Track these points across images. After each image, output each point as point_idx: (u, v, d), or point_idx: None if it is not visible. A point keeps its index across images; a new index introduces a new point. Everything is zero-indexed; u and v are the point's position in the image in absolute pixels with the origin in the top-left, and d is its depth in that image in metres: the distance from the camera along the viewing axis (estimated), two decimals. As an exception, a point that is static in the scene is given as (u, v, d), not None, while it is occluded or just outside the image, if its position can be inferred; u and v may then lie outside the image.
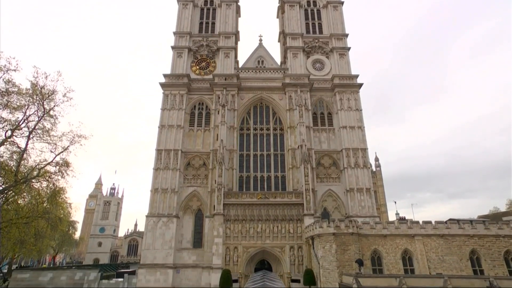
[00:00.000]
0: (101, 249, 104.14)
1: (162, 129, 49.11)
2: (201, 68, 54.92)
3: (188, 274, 42.32)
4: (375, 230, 34.29)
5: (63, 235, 66.77)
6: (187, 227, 45.32)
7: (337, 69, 54.13)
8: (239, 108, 51.14)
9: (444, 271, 31.20)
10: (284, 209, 43.33)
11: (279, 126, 51.24)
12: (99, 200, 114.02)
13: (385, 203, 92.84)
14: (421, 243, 33.37)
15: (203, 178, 47.38)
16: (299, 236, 41.85)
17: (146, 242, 43.47)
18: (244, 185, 47.64)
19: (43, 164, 33.62)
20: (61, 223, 44.44)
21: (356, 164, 47.05)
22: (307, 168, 44.69)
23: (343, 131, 49.06)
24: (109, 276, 51.63)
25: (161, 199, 45.21)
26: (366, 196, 45.48)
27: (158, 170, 46.69)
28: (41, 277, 47.74)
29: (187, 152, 48.77)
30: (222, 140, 46.62)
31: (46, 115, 32.89)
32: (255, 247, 41.69)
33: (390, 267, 32.79)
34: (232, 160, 47.64)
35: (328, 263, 32.18)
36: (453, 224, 34.36)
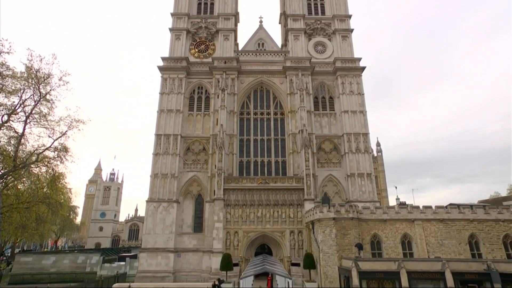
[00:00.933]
0: (102, 234, 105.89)
1: (161, 114, 48.93)
2: (200, 51, 54.17)
3: (189, 258, 43.19)
4: (375, 215, 34.71)
5: (64, 220, 67.77)
6: (188, 212, 45.89)
7: (339, 52, 53.37)
8: (239, 92, 50.78)
9: (442, 255, 31.78)
10: (285, 194, 43.72)
11: (279, 111, 51.00)
12: (99, 185, 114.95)
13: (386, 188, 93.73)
14: (420, 228, 33.85)
15: (203, 163, 47.58)
16: (299, 221, 42.42)
17: (147, 227, 44.13)
18: (244, 170, 47.90)
19: (42, 149, 33.67)
20: (61, 208, 44.90)
21: (357, 149, 47.13)
22: (308, 153, 44.80)
23: (344, 115, 48.87)
24: (111, 260, 52.89)
25: (161, 184, 45.57)
26: (367, 181, 45.79)
27: (157, 155, 46.84)
28: (44, 261, 48.95)
29: (187, 137, 48.77)
30: (222, 125, 46.53)
31: (42, 99, 32.67)
32: (256, 231, 42.33)
33: (390, 251, 33.39)
34: (232, 145, 47.69)
35: (328, 247, 32.76)
36: (453, 209, 34.74)
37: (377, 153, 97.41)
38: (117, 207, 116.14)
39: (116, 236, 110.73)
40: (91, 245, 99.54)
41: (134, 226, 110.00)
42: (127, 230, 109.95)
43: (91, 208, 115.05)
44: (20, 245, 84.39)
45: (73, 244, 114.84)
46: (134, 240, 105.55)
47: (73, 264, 48.84)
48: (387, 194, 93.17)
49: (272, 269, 24.49)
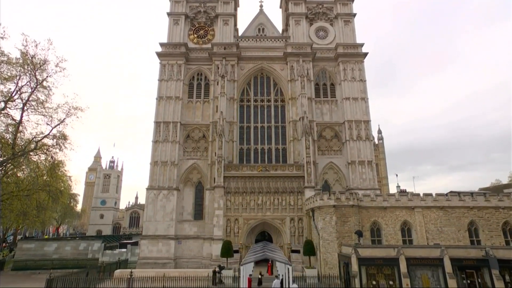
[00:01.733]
0: (103, 221, 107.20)
1: (160, 101, 48.75)
2: (199, 36, 53.49)
3: (189, 245, 43.86)
4: (375, 202, 35.04)
5: (65, 208, 68.55)
6: (188, 199, 46.31)
7: (341, 38, 52.67)
8: (239, 79, 50.41)
9: (442, 242, 32.25)
10: (285, 182, 43.99)
11: (280, 98, 50.76)
12: (98, 173, 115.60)
13: (387, 175, 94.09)
14: (420, 215, 34.23)
15: (203, 150, 47.70)
16: (300, 208, 42.83)
17: (147, 214, 44.64)
18: (245, 158, 48.06)
19: (40, 137, 33.75)
20: (62, 195, 45.38)
21: (359, 137, 47.14)
22: (308, 141, 44.84)
23: (346, 102, 48.65)
24: (112, 247, 53.73)
25: (161, 172, 45.83)
26: (368, 168, 45.98)
27: (157, 142, 46.92)
28: (46, 247, 49.78)
29: (186, 124, 48.73)
30: (221, 112, 46.40)
31: (39, 86, 32.53)
32: (256, 219, 42.82)
33: (389, 238, 33.87)
34: (232, 132, 47.69)
35: (328, 234, 33.20)
36: (453, 196, 35.03)
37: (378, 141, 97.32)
38: (117, 195, 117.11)
39: (117, 224, 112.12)
40: (92, 232, 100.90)
41: (135, 214, 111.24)
42: (128, 218, 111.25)
43: (92, 196, 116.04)
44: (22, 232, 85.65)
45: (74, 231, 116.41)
46: (135, 227, 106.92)
47: (75, 251, 49.68)
48: (388, 182, 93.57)
49: (272, 255, 24.91)
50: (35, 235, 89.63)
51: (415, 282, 25.80)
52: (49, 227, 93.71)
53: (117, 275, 29.85)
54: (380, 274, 26.29)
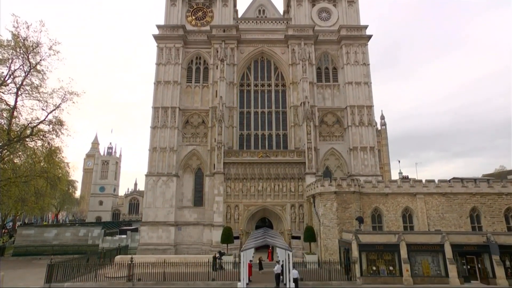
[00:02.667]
0: (103, 208, 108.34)
1: (158, 86, 48.41)
2: (198, 18, 52.57)
3: (189, 231, 44.47)
4: (377, 188, 35.30)
5: (64, 194, 69.08)
6: (188, 186, 46.64)
7: (344, 19, 51.74)
8: (239, 63, 49.86)
9: (443, 228, 32.65)
10: (286, 168, 44.17)
11: (281, 82, 50.34)
12: (96, 159, 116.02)
13: (389, 162, 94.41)
14: (422, 201, 34.55)
15: (202, 136, 47.71)
16: (300, 194, 43.17)
17: (147, 201, 45.07)
18: (245, 144, 48.11)
19: (36, 123, 33.68)
20: (60, 182, 45.67)
21: (361, 122, 47.01)
22: (310, 126, 44.76)
23: (348, 87, 48.27)
24: (112, 233, 54.51)
25: (160, 158, 45.99)
26: (370, 155, 46.07)
27: (155, 128, 46.88)
28: (46, 233, 50.55)
29: (185, 109, 48.53)
30: (221, 97, 46.14)
31: (33, 70, 32.21)
32: (256, 205, 43.24)
33: (390, 224, 34.30)
34: (232, 118, 47.56)
35: (328, 221, 33.61)
36: (456, 182, 35.25)
37: (381, 126, 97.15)
38: (116, 181, 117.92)
39: (116, 210, 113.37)
40: (91, 219, 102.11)
41: (134, 200, 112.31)
42: (127, 204, 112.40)
43: (90, 183, 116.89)
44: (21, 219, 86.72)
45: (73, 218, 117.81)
46: (134, 214, 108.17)
47: (75, 237, 50.45)
48: (390, 168, 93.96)
49: (273, 241, 25.28)
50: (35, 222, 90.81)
51: (415, 267, 26.30)
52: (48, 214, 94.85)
53: (118, 261, 30.39)
54: (380, 260, 26.77)
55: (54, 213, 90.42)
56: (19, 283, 26.96)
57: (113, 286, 25.57)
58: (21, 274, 31.64)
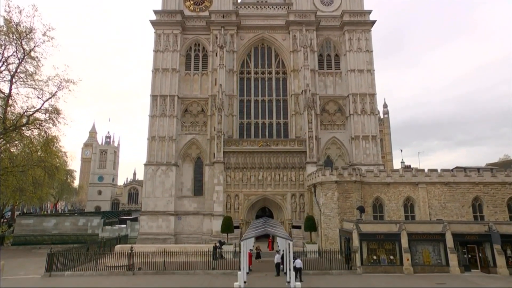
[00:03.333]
0: (102, 197, 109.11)
1: (156, 73, 48.12)
2: (196, 3, 51.84)
3: (189, 221, 44.92)
4: (378, 178, 35.48)
5: (62, 184, 69.56)
6: (187, 175, 46.87)
7: (348, 4, 50.99)
8: (239, 50, 49.41)
9: (444, 217, 32.97)
10: (286, 157, 44.29)
11: (281, 70, 49.99)
12: (94, 149, 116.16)
13: (391, 151, 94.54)
14: (424, 191, 34.77)
15: (202, 125, 47.68)
16: (301, 184, 43.41)
17: (146, 190, 45.39)
18: (245, 132, 48.13)
19: (32, 111, 33.66)
20: (58, 171, 45.95)
21: (363, 111, 46.87)
22: (311, 115, 44.66)
23: (350, 74, 47.93)
24: (111, 223, 55.06)
25: (159, 147, 46.09)
26: (372, 144, 46.11)
27: (154, 117, 46.83)
28: (45, 223, 51.09)
29: (184, 98, 48.37)
30: (221, 85, 45.91)
31: (27, 56, 32.00)
32: (256, 194, 43.53)
33: (391, 213, 34.61)
34: (232, 106, 47.44)
35: (329, 210, 33.91)
36: (459, 172, 35.41)
37: (383, 115, 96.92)
38: (115, 171, 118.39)
39: (115, 200, 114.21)
40: (90, 209, 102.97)
41: (133, 190, 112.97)
42: (127, 194, 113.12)
43: (88, 172, 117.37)
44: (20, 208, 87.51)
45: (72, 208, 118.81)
46: (134, 204, 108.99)
47: (74, 227, 50.98)
48: (392, 158, 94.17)
49: (273, 231, 25.54)
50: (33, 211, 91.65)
51: (416, 256, 26.66)
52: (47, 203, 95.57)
53: (118, 250, 30.77)
54: (381, 249, 27.11)
55: (52, 202, 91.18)
56: (20, 272, 27.38)
57: (113, 275, 25.97)
58: (21, 263, 32.12)
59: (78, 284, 23.11)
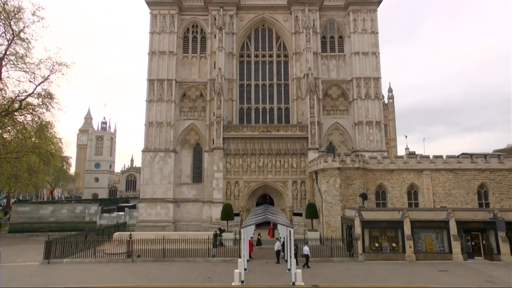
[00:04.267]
0: (99, 185, 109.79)
1: (152, 56, 47.65)
2: (193, -18, 50.66)
3: (188, 208, 45.37)
4: (382, 164, 35.60)
5: (58, 171, 69.85)
6: (186, 161, 47.05)
7: (352, -17, 49.87)
8: (238, 32, 48.72)
9: (449, 205, 33.25)
10: (288, 143, 44.34)
11: (283, 52, 49.44)
12: (90, 135, 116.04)
13: (395, 137, 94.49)
14: (429, 178, 34.94)
15: (201, 110, 47.53)
16: (303, 170, 43.61)
17: (144, 178, 45.66)
18: (245, 118, 48.03)
19: (24, 96, 33.46)
20: (53, 158, 46.07)
21: (367, 95, 46.60)
22: (313, 99, 44.44)
23: (355, 57, 47.41)
24: (109, 210, 55.64)
25: (157, 133, 46.10)
26: (376, 129, 46.05)
27: (151, 102, 46.65)
28: (41, 210, 51.63)
29: (182, 82, 48.04)
30: (220, 69, 45.52)
31: (16, 38, 31.57)
32: (257, 181, 43.80)
33: (395, 201, 34.90)
34: (232, 91, 47.18)
35: (331, 197, 34.17)
36: (465, 158, 35.47)
37: (388, 100, 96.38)
38: (112, 158, 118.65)
39: (113, 187, 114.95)
40: (88, 196, 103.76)
41: (131, 177, 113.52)
42: (124, 181, 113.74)
43: (85, 159, 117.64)
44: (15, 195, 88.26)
45: (69, 195, 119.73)
46: (131, 191, 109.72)
47: (72, 214, 51.56)
48: (396, 144, 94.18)
49: (274, 218, 25.78)
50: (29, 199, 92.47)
51: (419, 244, 27.04)
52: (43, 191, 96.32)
53: (116, 238, 31.23)
54: (383, 236, 27.49)
55: (49, 190, 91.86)
56: (18, 259, 27.84)
57: (112, 262, 26.41)
58: (19, 250, 32.61)
59: (78, 271, 23.54)
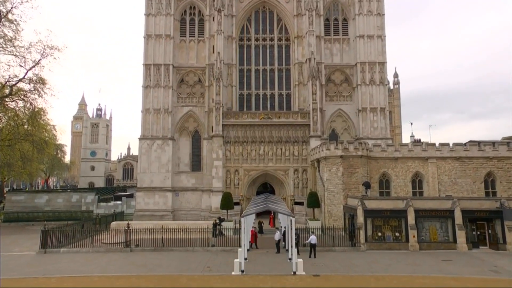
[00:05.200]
0: (95, 173, 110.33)
1: (148, 40, 47.18)
2: (190, -39, 49.73)
3: (187, 197, 45.71)
4: (386, 152, 35.66)
5: (52, 159, 70.15)
6: (184, 149, 47.15)
7: (358, -38, 48.92)
8: (238, 14, 48.10)
9: (454, 194, 33.41)
10: (289, 130, 44.35)
11: (284, 36, 48.92)
12: (85, 122, 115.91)
13: (400, 124, 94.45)
14: (434, 166, 35.05)
15: (199, 96, 47.36)
16: (304, 158, 43.74)
17: (141, 166, 45.85)
18: (245, 104, 47.89)
19: (15, 81, 33.29)
20: (47, 146, 46.19)
21: (372, 81, 46.31)
22: (316, 85, 44.20)
23: (359, 41, 46.87)
24: (106, 199, 56.10)
25: (154, 121, 46.05)
26: (380, 116, 45.95)
27: (148, 88, 46.44)
28: (36, 199, 52.08)
29: (180, 67, 47.70)
30: (219, 53, 45.13)
31: (4, 19, 31.18)
32: (257, 170, 44.00)
33: (398, 189, 35.10)
34: (231, 76, 46.90)
35: (333, 186, 34.37)
36: (472, 146, 35.48)
37: (393, 86, 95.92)
38: (108, 146, 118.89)
39: (109, 176, 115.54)
40: (84, 185, 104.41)
41: (128, 165, 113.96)
42: (121, 170, 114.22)
43: (80, 147, 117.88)
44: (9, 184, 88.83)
45: (65, 184, 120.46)
46: (129, 180, 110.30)
47: (68, 203, 52.02)
48: (401, 131, 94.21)
49: (275, 207, 26.00)
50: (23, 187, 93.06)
51: (422, 233, 27.33)
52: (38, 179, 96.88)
53: (114, 227, 31.57)
54: (387, 226, 27.75)
55: (43, 178, 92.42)
56: (14, 249, 28.23)
57: (110, 251, 26.77)
58: (15, 239, 33.05)
59: (75, 260, 23.89)
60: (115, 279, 18.97)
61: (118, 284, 18.08)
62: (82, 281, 18.74)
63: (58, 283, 18.33)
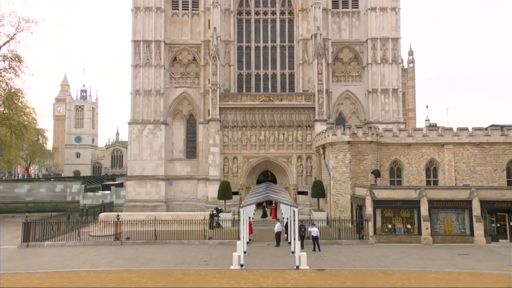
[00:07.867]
0: (81, 161, 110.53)
1: (137, 13, 46.52)
2: None
3: (182, 186, 45.95)
4: (398, 138, 35.62)
5: (33, 145, 70.00)
6: (178, 135, 47.13)
7: None
8: (236, -16, 47.30)
9: (472, 183, 33.48)
10: (292, 114, 44.22)
11: (287, 9, 48.26)
12: (68, 104, 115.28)
13: (415, 107, 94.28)
14: (451, 153, 35.03)
15: (194, 76, 47.05)
16: (309, 144, 43.78)
17: (131, 153, 45.91)
18: (244, 85, 47.66)
19: (-15, 58, 32.92)
20: (26, 131, 46.08)
21: (384, 59, 45.87)
22: (321, 64, 43.80)
23: (371, 14, 46.17)
24: (94, 189, 56.47)
25: (145, 103, 45.87)
26: (392, 98, 45.74)
27: (137, 67, 46.08)
28: (16, 189, 52.37)
29: (172, 44, 47.22)
30: (215, 28, 44.57)
31: None
32: (258, 157, 44.09)
33: (411, 178, 35.20)
34: (229, 54, 46.50)
35: (340, 174, 34.46)
36: (494, 130, 35.34)
37: (408, 64, 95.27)
38: (94, 131, 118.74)
39: (97, 163, 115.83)
40: (69, 173, 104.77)
41: (117, 152, 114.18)
42: (109, 157, 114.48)
43: (63, 132, 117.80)
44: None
45: (48, 172, 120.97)
46: (118, 168, 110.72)
47: (51, 193, 52.31)
48: (415, 115, 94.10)
49: (276, 197, 26.10)
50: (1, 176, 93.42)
51: (436, 225, 27.54)
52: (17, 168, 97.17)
53: (102, 219, 31.76)
54: (397, 217, 27.95)
55: (23, 166, 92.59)
56: (-6, 242, 28.45)
57: (99, 245, 27.02)
58: (-6, 232, 33.28)
59: (61, 254, 24.13)
60: (104, 274, 19.17)
61: (108, 279, 18.29)
62: (69, 276, 18.95)
63: (42, 278, 18.53)
